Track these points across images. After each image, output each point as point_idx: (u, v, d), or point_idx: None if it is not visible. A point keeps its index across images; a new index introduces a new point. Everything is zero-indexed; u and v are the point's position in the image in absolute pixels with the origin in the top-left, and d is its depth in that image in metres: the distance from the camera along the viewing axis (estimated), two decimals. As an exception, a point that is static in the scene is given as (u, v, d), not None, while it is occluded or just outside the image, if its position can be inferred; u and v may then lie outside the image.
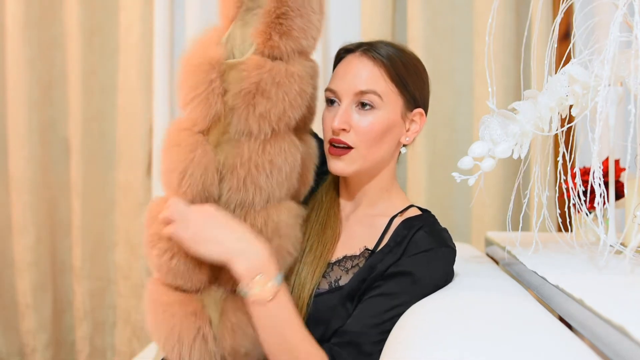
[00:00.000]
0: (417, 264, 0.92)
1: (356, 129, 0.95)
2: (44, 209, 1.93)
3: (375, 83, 0.95)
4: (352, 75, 0.96)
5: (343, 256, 0.99)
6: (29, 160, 1.90)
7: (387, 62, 0.96)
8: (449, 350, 0.64)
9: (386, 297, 0.90)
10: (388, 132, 0.97)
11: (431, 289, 0.92)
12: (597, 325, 0.70)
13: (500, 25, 1.62)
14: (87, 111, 1.90)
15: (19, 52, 1.88)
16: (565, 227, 1.19)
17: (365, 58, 0.97)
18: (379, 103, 0.95)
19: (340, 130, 0.95)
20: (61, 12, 1.94)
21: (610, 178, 1.09)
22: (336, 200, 1.06)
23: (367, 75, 0.95)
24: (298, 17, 0.88)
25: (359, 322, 0.89)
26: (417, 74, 1.00)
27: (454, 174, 0.99)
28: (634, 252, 0.91)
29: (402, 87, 0.97)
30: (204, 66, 0.88)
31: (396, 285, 0.91)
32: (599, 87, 0.90)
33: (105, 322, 1.97)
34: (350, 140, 0.95)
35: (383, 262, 0.94)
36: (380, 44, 0.99)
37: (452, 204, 1.76)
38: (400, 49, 1.00)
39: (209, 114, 0.88)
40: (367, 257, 0.97)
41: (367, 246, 0.98)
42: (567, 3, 1.02)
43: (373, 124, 0.95)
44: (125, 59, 1.88)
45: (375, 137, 0.95)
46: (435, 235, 0.96)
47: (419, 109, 1.01)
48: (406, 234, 0.96)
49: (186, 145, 0.88)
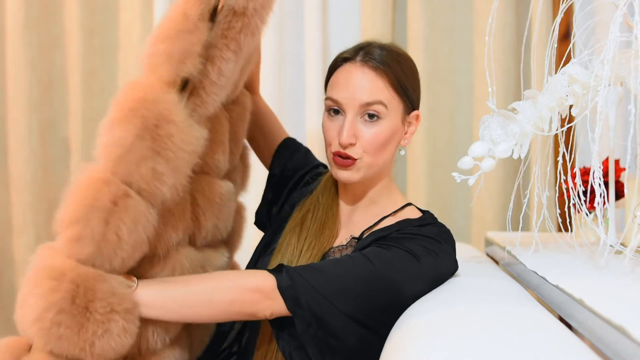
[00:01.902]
0: (417, 244, 0.92)
1: (362, 141, 0.95)
2: (44, 209, 1.93)
3: (380, 93, 0.95)
4: (355, 86, 0.96)
5: (330, 247, 1.00)
6: (29, 160, 1.90)
7: (388, 70, 0.96)
8: (449, 350, 0.64)
9: (371, 261, 0.89)
10: (391, 139, 0.98)
11: (420, 276, 0.91)
12: (597, 325, 0.69)
13: (500, 25, 1.62)
14: (87, 111, 1.90)
15: (19, 52, 1.88)
16: (565, 227, 1.19)
17: (367, 68, 0.96)
18: (385, 112, 0.95)
19: (348, 144, 0.95)
20: (61, 12, 1.94)
21: (610, 178, 1.09)
22: (335, 201, 1.06)
23: (371, 87, 0.95)
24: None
25: (330, 274, 0.88)
26: (412, 75, 1.01)
27: (454, 174, 0.99)
28: (634, 252, 0.91)
29: (403, 93, 0.97)
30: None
31: (390, 252, 0.90)
32: (599, 87, 0.90)
33: (105, 322, 1.97)
34: (357, 153, 0.95)
35: (373, 234, 0.95)
36: (375, 48, 0.98)
37: (452, 204, 1.76)
38: (395, 52, 1.00)
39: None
40: (354, 246, 0.98)
41: (354, 235, 0.99)
42: (567, 3, 1.02)
43: (378, 135, 0.95)
44: (125, 59, 1.88)
45: (380, 146, 0.96)
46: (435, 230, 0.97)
47: (416, 111, 1.02)
48: (401, 225, 0.97)
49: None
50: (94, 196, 0.78)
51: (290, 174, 1.16)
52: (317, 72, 1.72)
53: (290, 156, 1.17)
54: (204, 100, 0.86)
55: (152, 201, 0.81)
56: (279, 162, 1.17)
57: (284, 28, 1.80)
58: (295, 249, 1.01)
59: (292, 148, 1.18)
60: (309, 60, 1.74)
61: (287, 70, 1.81)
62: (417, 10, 1.70)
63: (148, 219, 0.81)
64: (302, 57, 1.78)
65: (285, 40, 1.81)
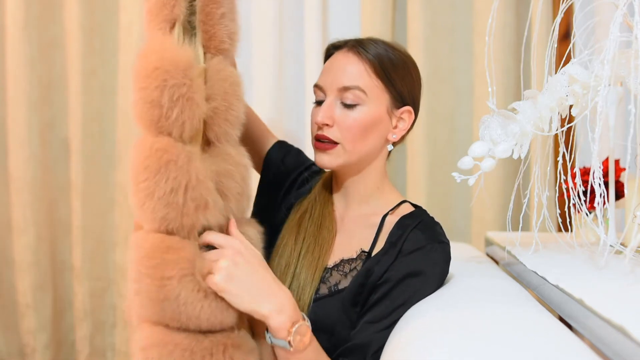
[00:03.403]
0: (413, 262, 0.92)
1: (340, 124, 0.95)
2: (44, 209, 1.93)
3: (360, 78, 0.95)
4: (336, 70, 0.97)
5: (340, 260, 0.98)
6: (29, 160, 1.90)
7: (373, 58, 0.96)
8: (449, 350, 0.64)
9: (387, 302, 0.90)
10: (373, 128, 0.97)
11: (431, 282, 0.92)
12: (597, 325, 0.70)
13: (500, 25, 1.62)
14: (87, 111, 1.89)
15: (19, 52, 1.88)
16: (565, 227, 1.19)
17: (351, 53, 0.97)
18: (363, 98, 0.95)
19: (323, 125, 0.95)
20: (61, 12, 1.94)
21: (610, 178, 1.09)
22: (330, 200, 1.06)
23: (351, 71, 0.95)
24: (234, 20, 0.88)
25: (364, 331, 0.89)
26: (405, 70, 0.99)
27: (454, 174, 0.99)
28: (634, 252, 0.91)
29: (388, 83, 0.97)
30: (176, 72, 0.78)
31: (396, 290, 0.91)
32: (599, 87, 0.90)
33: (106, 322, 1.97)
34: (334, 135, 0.95)
35: (380, 264, 0.94)
36: (369, 41, 0.99)
37: (452, 204, 1.76)
38: (390, 46, 0.99)
39: (194, 122, 0.80)
40: (363, 259, 0.97)
41: (363, 248, 0.98)
42: (567, 3, 1.02)
43: (356, 120, 0.95)
44: (125, 59, 1.88)
45: (359, 132, 0.95)
46: (428, 231, 0.96)
47: (407, 107, 1.00)
48: (401, 234, 0.96)
49: (180, 159, 0.78)
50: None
51: (284, 177, 1.15)
52: (317, 72, 1.72)
53: (282, 159, 1.16)
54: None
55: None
56: (270, 166, 1.16)
57: (284, 28, 1.80)
58: (293, 251, 1.01)
59: (283, 151, 1.17)
60: (309, 60, 1.74)
61: (287, 70, 1.81)
62: (417, 10, 1.70)
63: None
64: (302, 57, 1.78)
65: (285, 40, 1.81)
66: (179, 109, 0.78)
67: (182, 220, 0.79)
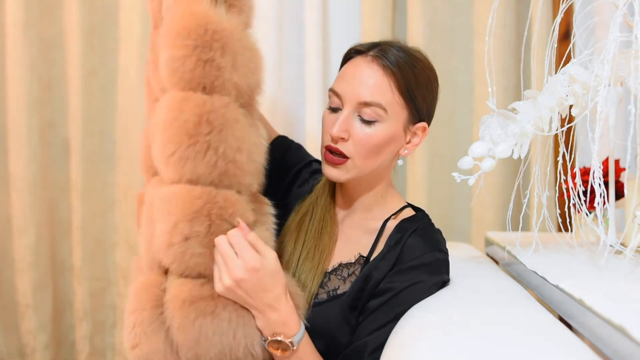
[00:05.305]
0: (411, 279, 0.91)
1: (355, 139, 0.91)
2: (44, 209, 1.93)
3: (382, 95, 0.90)
4: (358, 81, 0.91)
5: (339, 264, 0.97)
6: (29, 160, 1.89)
7: (397, 72, 0.91)
8: (449, 350, 0.64)
9: (387, 310, 0.90)
10: (387, 145, 0.93)
11: (433, 291, 0.91)
12: (597, 325, 0.70)
13: (500, 25, 1.62)
14: (87, 111, 1.89)
15: (19, 52, 1.88)
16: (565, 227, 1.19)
17: (375, 65, 0.92)
18: (383, 116, 0.91)
19: (339, 139, 0.92)
20: (61, 12, 1.94)
21: (610, 178, 1.09)
22: (332, 204, 1.04)
23: (374, 85, 0.90)
24: None
25: (363, 336, 0.89)
26: (427, 86, 0.95)
27: (454, 174, 0.98)
28: (634, 252, 0.91)
29: (409, 100, 0.93)
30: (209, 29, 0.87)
31: (397, 298, 0.90)
32: (599, 87, 0.90)
33: (105, 322, 1.97)
34: (347, 150, 0.92)
35: (378, 269, 0.93)
36: (392, 48, 0.93)
37: (452, 204, 1.76)
38: (414, 57, 0.95)
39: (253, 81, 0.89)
40: (362, 264, 0.96)
41: (362, 253, 0.97)
42: (567, 3, 1.02)
43: (372, 137, 0.91)
44: (125, 59, 1.88)
45: (373, 149, 0.92)
46: (428, 239, 0.95)
47: (423, 123, 0.97)
48: (400, 237, 0.95)
49: (244, 118, 0.86)
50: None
51: (285, 173, 1.13)
52: (317, 72, 1.72)
53: (283, 155, 1.14)
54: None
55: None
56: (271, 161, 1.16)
57: (284, 28, 1.80)
58: (292, 256, 0.99)
59: (283, 146, 1.15)
60: (309, 61, 1.74)
61: (287, 71, 1.81)
62: (417, 10, 1.70)
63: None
64: (302, 58, 1.78)
65: (285, 41, 1.80)
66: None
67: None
